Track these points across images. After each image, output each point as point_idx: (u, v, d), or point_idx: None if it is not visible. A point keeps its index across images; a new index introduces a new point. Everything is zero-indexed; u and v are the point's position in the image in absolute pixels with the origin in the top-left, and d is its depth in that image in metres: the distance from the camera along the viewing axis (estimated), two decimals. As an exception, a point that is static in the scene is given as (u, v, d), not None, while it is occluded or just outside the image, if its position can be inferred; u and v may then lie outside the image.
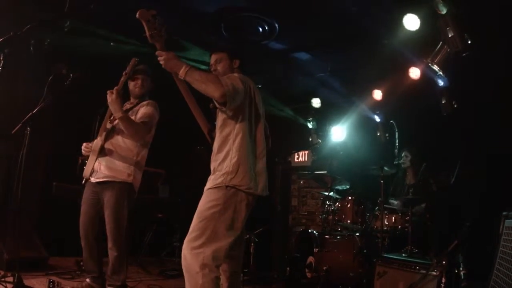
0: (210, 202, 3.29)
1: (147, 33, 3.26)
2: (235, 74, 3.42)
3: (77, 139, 5.93)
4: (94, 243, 4.57)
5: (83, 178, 4.67)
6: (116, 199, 4.52)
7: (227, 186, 3.28)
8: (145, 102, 4.82)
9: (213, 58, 3.68)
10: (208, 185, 3.40)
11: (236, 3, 5.97)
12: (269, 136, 3.80)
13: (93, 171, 4.61)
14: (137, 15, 3.21)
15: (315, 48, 7.05)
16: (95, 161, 4.60)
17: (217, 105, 3.28)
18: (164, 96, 4.93)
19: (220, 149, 3.43)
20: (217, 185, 3.31)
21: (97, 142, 4.65)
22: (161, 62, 3.31)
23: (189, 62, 7.12)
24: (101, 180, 4.58)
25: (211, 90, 3.14)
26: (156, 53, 3.33)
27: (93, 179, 4.60)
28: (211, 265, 3.13)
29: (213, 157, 3.51)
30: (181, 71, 3.21)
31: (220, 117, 3.45)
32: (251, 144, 3.41)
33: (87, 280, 4.60)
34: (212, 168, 3.49)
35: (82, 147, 4.72)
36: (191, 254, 3.16)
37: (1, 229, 5.21)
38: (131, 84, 4.85)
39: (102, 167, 4.61)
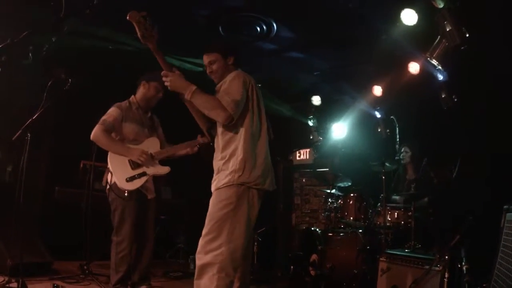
0: (222, 201, 3.30)
1: (138, 34, 3.30)
2: (235, 78, 3.44)
3: (78, 144, 5.96)
4: None
5: (126, 190, 4.54)
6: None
7: (237, 184, 3.30)
8: (156, 119, 5.09)
9: (205, 59, 3.67)
10: (216, 185, 3.41)
11: (234, 3, 5.97)
12: (270, 127, 3.79)
13: (147, 188, 4.74)
14: (127, 17, 3.25)
15: (314, 45, 7.05)
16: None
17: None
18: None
19: (224, 148, 3.45)
20: (226, 184, 3.32)
21: (150, 158, 4.68)
22: (167, 83, 3.41)
23: (186, 65, 7.21)
24: (153, 196, 4.85)
25: (215, 116, 3.34)
26: (162, 73, 3.43)
27: (150, 196, 4.76)
28: (229, 268, 3.17)
29: (217, 157, 3.52)
30: (186, 94, 3.34)
31: None
32: (255, 140, 3.45)
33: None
34: (216, 168, 3.50)
35: (140, 156, 4.58)
36: (209, 256, 3.18)
37: (4, 234, 5.22)
38: (153, 95, 4.88)
39: (152, 185, 4.84)
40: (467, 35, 5.00)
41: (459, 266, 4.26)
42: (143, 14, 3.30)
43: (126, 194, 4.52)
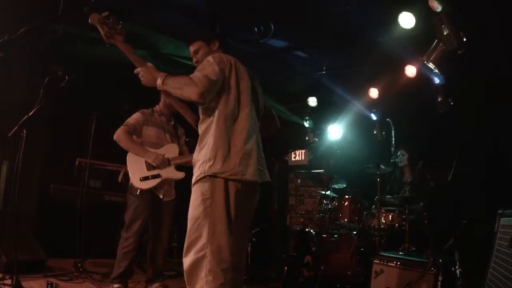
0: (198, 198, 3.07)
1: (102, 34, 3.31)
2: (209, 58, 3.20)
3: (74, 141, 5.96)
4: None
5: (139, 189, 4.82)
6: None
7: (210, 176, 3.05)
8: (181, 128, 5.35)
9: (191, 50, 3.54)
10: (192, 180, 3.19)
11: (232, 3, 5.97)
12: (274, 115, 3.75)
13: (164, 190, 4.94)
14: (89, 20, 3.28)
15: (311, 46, 7.05)
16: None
17: (197, 104, 3.21)
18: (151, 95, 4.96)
19: (201, 138, 3.24)
20: (199, 177, 3.09)
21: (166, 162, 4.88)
22: (141, 79, 3.26)
23: (185, 61, 7.20)
24: (172, 199, 5.09)
25: (188, 94, 3.04)
26: (135, 71, 3.28)
27: (165, 198, 4.96)
28: (216, 270, 2.93)
29: (196, 148, 3.30)
30: (157, 83, 3.14)
31: (200, 107, 3.30)
32: (230, 124, 3.16)
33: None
34: (193, 159, 3.29)
35: (155, 159, 4.80)
36: (194, 259, 2.99)
37: (-1, 231, 5.21)
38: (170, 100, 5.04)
39: (171, 187, 5.07)
40: (464, 39, 5.02)
41: (452, 269, 4.28)
42: (105, 14, 3.30)
43: (138, 192, 4.78)
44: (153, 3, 5.82)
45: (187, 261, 3.03)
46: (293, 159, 8.78)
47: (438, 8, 5.01)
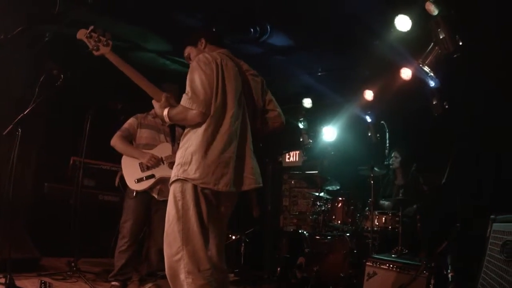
0: (171, 200, 3.06)
1: (90, 48, 3.41)
2: (192, 67, 3.12)
3: (68, 140, 5.94)
4: None
5: (135, 191, 4.88)
6: None
7: (183, 180, 3.01)
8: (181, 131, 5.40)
9: (185, 58, 3.57)
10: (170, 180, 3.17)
11: (228, 3, 5.96)
12: (276, 110, 3.69)
13: (159, 190, 4.94)
14: (77, 36, 3.42)
15: (307, 48, 7.06)
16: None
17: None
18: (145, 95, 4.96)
19: (183, 138, 3.20)
20: (173, 179, 3.08)
21: (159, 161, 4.93)
22: None
23: (177, 65, 7.19)
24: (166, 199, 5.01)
25: (193, 121, 3.05)
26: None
27: (159, 197, 4.93)
28: (195, 272, 2.91)
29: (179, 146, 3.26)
30: (165, 119, 3.22)
31: None
32: (213, 129, 3.05)
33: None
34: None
35: (149, 160, 4.86)
36: (172, 262, 2.96)
37: (-7, 230, 5.19)
38: None
39: (167, 187, 4.96)
40: (460, 43, 5.04)
41: (444, 273, 4.30)
42: (91, 28, 3.40)
43: (134, 194, 4.87)
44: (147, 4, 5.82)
45: (166, 265, 3.02)
46: (287, 160, 8.80)
47: (435, 11, 5.04)
